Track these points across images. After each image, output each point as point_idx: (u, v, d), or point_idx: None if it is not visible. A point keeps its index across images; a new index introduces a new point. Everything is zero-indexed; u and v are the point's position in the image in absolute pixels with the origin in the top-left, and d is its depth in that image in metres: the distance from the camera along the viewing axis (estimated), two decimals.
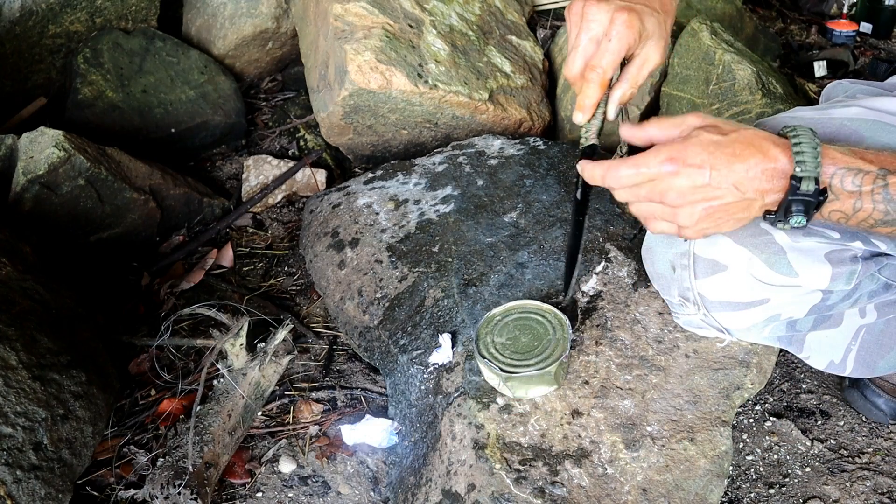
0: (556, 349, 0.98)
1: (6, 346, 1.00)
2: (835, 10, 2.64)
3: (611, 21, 0.82)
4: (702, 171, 0.74)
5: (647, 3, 0.85)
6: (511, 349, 0.99)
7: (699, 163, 0.74)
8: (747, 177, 0.74)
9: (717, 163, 0.74)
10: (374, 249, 1.30)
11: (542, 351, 0.98)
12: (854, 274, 0.85)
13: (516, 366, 0.96)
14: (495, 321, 1.03)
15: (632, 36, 0.82)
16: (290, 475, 1.13)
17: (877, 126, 0.89)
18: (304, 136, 1.88)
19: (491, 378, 1.00)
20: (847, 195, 0.75)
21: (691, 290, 0.93)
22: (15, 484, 0.91)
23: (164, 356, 1.30)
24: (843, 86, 1.09)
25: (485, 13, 1.78)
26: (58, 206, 1.40)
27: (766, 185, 0.75)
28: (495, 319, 1.03)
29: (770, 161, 0.74)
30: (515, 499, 0.89)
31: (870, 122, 0.90)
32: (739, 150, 0.74)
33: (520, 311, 1.04)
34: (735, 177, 0.74)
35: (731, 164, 0.74)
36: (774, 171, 0.74)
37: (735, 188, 0.75)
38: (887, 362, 1.02)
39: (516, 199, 1.34)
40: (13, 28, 1.73)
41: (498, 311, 1.04)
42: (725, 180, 0.74)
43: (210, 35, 1.97)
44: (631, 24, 0.82)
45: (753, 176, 0.74)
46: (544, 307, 1.04)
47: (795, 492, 1.12)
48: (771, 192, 0.75)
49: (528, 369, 0.96)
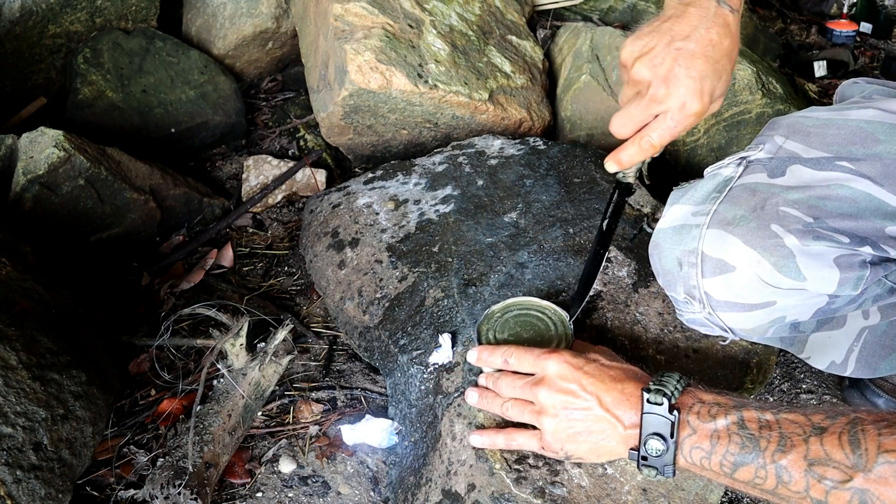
0: (560, 345, 0.98)
1: (6, 346, 1.00)
2: (835, 10, 2.64)
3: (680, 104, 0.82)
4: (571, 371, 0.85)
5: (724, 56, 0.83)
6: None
7: (573, 364, 0.85)
8: (609, 397, 0.82)
9: (589, 370, 0.85)
10: (374, 249, 1.30)
11: (548, 344, 0.99)
12: (862, 279, 0.84)
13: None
14: (495, 318, 1.03)
15: (695, 120, 0.84)
16: (290, 475, 1.13)
17: (894, 130, 0.88)
18: (304, 136, 1.88)
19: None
20: (704, 428, 0.75)
21: (697, 289, 0.92)
22: (15, 484, 0.91)
23: (164, 356, 1.30)
24: (859, 85, 1.07)
25: (485, 13, 1.78)
26: (58, 206, 1.40)
27: (626, 409, 0.81)
28: (495, 317, 1.04)
29: (636, 389, 0.82)
30: (515, 499, 0.89)
31: (887, 125, 0.89)
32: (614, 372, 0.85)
33: (519, 308, 1.04)
34: (597, 390, 0.82)
35: (600, 377, 0.84)
36: (635, 398, 0.81)
37: (596, 401, 0.83)
38: (889, 363, 1.02)
39: (516, 199, 1.34)
40: (13, 28, 1.73)
41: (497, 308, 1.05)
42: (590, 389, 0.83)
43: (210, 35, 1.97)
44: (699, 115, 0.83)
45: (612, 399, 0.82)
46: (543, 304, 1.04)
47: None
48: (631, 420, 0.81)
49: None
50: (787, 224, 0.84)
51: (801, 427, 0.69)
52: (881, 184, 0.85)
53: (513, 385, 0.90)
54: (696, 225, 0.91)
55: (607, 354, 0.91)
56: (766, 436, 0.71)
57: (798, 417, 0.71)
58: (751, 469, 0.71)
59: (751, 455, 0.71)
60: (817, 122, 0.94)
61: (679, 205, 0.95)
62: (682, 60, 0.80)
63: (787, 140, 0.94)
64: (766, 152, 0.94)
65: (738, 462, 0.72)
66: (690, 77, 0.80)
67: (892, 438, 0.64)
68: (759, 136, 0.99)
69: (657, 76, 0.81)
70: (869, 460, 0.64)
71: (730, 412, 0.74)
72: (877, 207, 0.85)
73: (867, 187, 0.85)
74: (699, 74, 0.80)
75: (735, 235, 0.86)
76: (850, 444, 0.65)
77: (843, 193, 0.86)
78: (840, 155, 0.89)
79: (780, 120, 0.98)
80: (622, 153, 0.87)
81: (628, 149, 0.87)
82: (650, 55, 0.82)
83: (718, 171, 0.96)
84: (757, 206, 0.87)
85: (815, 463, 0.67)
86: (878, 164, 0.86)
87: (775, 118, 1.00)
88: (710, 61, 0.81)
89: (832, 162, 0.88)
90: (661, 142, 0.84)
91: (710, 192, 0.93)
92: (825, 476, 0.66)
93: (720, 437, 0.74)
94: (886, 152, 0.87)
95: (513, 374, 0.91)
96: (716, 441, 0.74)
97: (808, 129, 0.93)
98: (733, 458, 0.72)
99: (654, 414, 0.77)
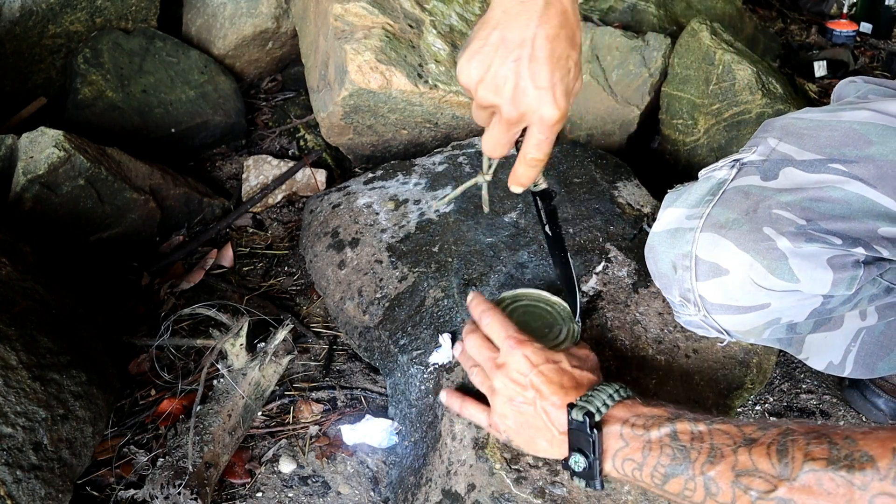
0: (567, 339, 1.00)
1: (6, 346, 1.00)
2: (835, 10, 2.64)
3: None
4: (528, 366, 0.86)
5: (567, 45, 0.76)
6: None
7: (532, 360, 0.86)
8: (549, 400, 0.83)
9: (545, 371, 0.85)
10: (374, 249, 1.30)
11: (556, 335, 1.01)
12: (856, 279, 0.85)
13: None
14: (505, 304, 1.05)
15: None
16: (290, 475, 1.13)
17: (887, 132, 0.88)
18: (304, 136, 1.88)
19: None
20: (635, 439, 0.75)
21: (692, 292, 0.93)
22: (15, 484, 0.91)
23: (164, 356, 1.30)
24: (856, 84, 1.07)
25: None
26: (58, 206, 1.40)
27: (559, 417, 0.82)
28: (505, 302, 1.06)
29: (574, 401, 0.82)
30: (515, 499, 0.89)
31: (880, 127, 0.89)
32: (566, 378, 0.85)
33: (529, 300, 1.06)
34: (542, 388, 0.84)
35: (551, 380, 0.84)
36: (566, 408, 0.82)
37: (538, 397, 0.84)
38: (887, 364, 1.02)
39: (516, 199, 1.34)
40: (13, 28, 1.73)
41: (508, 296, 1.07)
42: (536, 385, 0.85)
43: (210, 35, 1.97)
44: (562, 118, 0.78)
45: (551, 401, 0.83)
46: (553, 299, 1.06)
47: None
48: (562, 428, 0.82)
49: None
50: (780, 226, 0.84)
51: (732, 438, 0.69)
52: (874, 185, 0.85)
53: (479, 352, 0.92)
54: (689, 228, 0.91)
55: (581, 357, 0.92)
56: (696, 447, 0.70)
57: (730, 429, 0.70)
58: (680, 481, 0.71)
59: (680, 466, 0.71)
60: (810, 124, 0.94)
61: (673, 208, 0.96)
62: (524, 72, 0.73)
63: (780, 142, 0.94)
64: (759, 154, 0.94)
65: (668, 473, 0.72)
66: (538, 87, 0.73)
67: (819, 447, 0.63)
68: (753, 138, 0.99)
69: (504, 98, 0.75)
70: (794, 469, 0.63)
71: (664, 424, 0.74)
72: (869, 209, 0.85)
73: (860, 189, 0.85)
74: (547, 82, 0.73)
75: (728, 239, 0.86)
76: (777, 453, 0.65)
77: (836, 195, 0.86)
78: (833, 157, 0.89)
79: (774, 122, 0.99)
80: (518, 175, 0.85)
81: (519, 170, 0.84)
82: (489, 77, 0.74)
83: (712, 173, 0.96)
84: (750, 209, 0.87)
85: (742, 474, 0.66)
86: (871, 166, 0.86)
87: (769, 120, 1.01)
88: (553, 59, 0.74)
89: (825, 164, 0.89)
90: (545, 153, 0.80)
91: (703, 196, 0.93)
92: (751, 487, 0.65)
93: (651, 449, 0.73)
94: (879, 154, 0.87)
95: (484, 339, 0.93)
96: (647, 452, 0.74)
97: (802, 131, 0.94)
98: (664, 469, 0.72)
99: (578, 430, 0.79)
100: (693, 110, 1.69)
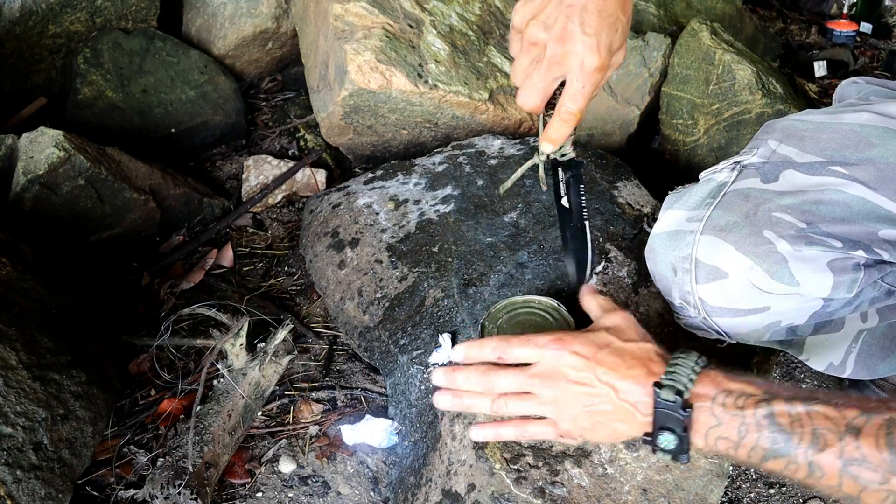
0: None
1: (6, 346, 1.00)
2: (835, 10, 2.64)
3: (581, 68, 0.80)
4: (584, 361, 0.79)
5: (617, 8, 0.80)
6: None
7: (584, 353, 0.79)
8: (625, 385, 0.78)
9: (602, 359, 0.79)
10: (374, 249, 1.30)
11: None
12: (856, 282, 0.84)
13: None
14: (499, 316, 1.04)
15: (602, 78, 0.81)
16: (290, 475, 1.13)
17: (888, 134, 0.88)
18: (304, 136, 1.88)
19: None
20: (730, 419, 0.73)
21: (692, 294, 0.93)
22: (15, 484, 0.91)
23: (164, 356, 1.30)
24: (858, 85, 1.07)
25: (485, 13, 1.78)
26: (58, 206, 1.40)
27: (643, 397, 0.77)
28: (499, 315, 1.04)
29: (651, 376, 0.77)
30: (515, 499, 0.89)
31: (881, 129, 0.89)
32: (628, 358, 0.79)
33: (523, 306, 1.05)
34: (612, 379, 0.78)
35: (614, 365, 0.79)
36: (650, 387, 0.77)
37: (612, 391, 0.78)
38: (887, 365, 1.02)
39: (516, 199, 1.34)
40: (13, 28, 1.73)
41: (500, 307, 1.05)
42: (604, 379, 0.78)
43: (210, 35, 1.97)
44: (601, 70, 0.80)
45: (628, 388, 0.78)
46: (546, 301, 1.05)
47: (795, 492, 1.12)
48: (647, 408, 0.77)
49: None
50: (780, 230, 0.84)
51: (835, 423, 0.68)
52: (874, 188, 0.85)
53: (508, 378, 0.84)
54: (689, 231, 0.91)
55: (623, 328, 0.85)
56: (798, 432, 0.70)
57: (830, 412, 0.69)
58: (781, 462, 0.71)
59: (782, 449, 0.70)
60: (811, 126, 0.94)
61: (673, 210, 0.96)
62: (575, 17, 0.78)
63: (780, 144, 0.94)
64: (759, 157, 0.94)
65: (768, 455, 0.71)
66: (585, 33, 0.78)
67: None
68: (754, 139, 0.99)
69: (552, 36, 0.79)
70: None
71: (759, 405, 0.72)
72: (870, 212, 0.85)
73: (860, 192, 0.85)
74: (594, 30, 0.78)
75: (728, 242, 0.86)
76: (887, 446, 0.65)
77: (837, 198, 0.86)
78: (833, 159, 0.89)
79: (775, 123, 0.99)
80: (550, 132, 0.85)
81: (554, 125, 0.85)
82: (542, 16, 0.79)
83: (712, 175, 0.96)
84: (750, 212, 0.87)
85: (850, 463, 0.66)
86: (872, 169, 0.86)
87: (770, 121, 1.00)
88: (604, 15, 0.78)
89: (825, 167, 0.88)
90: (579, 107, 0.82)
91: (703, 198, 0.93)
92: (860, 476, 0.66)
93: (749, 430, 0.72)
94: (880, 157, 0.87)
95: (505, 368, 0.85)
96: (744, 433, 0.72)
97: (802, 134, 0.93)
98: (763, 451, 0.72)
99: (667, 410, 0.75)
100: (693, 110, 1.69)
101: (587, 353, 0.81)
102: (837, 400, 0.70)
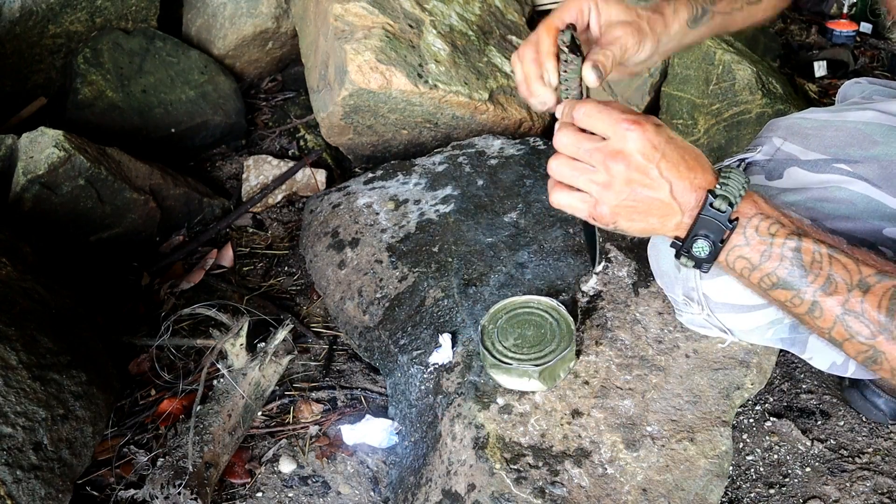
0: (562, 345, 1.00)
1: (6, 346, 1.00)
2: (835, 10, 2.64)
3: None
4: (652, 151, 0.74)
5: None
6: (526, 345, 1.01)
7: (655, 142, 0.74)
8: (681, 185, 0.75)
9: (668, 153, 0.74)
10: (374, 249, 1.30)
11: (552, 337, 1.01)
12: None
13: (544, 356, 0.99)
14: (499, 316, 1.05)
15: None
16: (290, 475, 1.13)
17: (892, 132, 0.88)
18: (304, 136, 1.88)
19: (519, 380, 1.00)
20: (758, 242, 0.74)
21: (696, 290, 0.93)
22: (15, 484, 0.91)
23: (164, 356, 1.30)
24: (861, 85, 1.08)
25: (485, 13, 1.78)
26: (58, 206, 1.40)
27: (691, 200, 0.75)
28: (500, 314, 1.05)
29: (705, 182, 0.75)
30: (515, 499, 0.89)
31: (885, 127, 0.89)
32: (689, 159, 0.76)
33: (523, 307, 1.06)
34: (672, 176, 0.75)
35: (677, 162, 0.75)
36: (701, 191, 0.75)
37: (669, 186, 0.75)
38: None
39: (516, 199, 1.34)
40: (13, 28, 1.73)
41: (500, 306, 1.06)
42: (666, 174, 0.75)
43: (210, 35, 1.97)
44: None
45: (683, 188, 0.75)
46: (546, 301, 1.06)
47: (795, 492, 1.12)
48: (690, 211, 0.76)
49: (554, 355, 0.98)
50: None
51: (850, 274, 0.72)
52: (879, 185, 0.85)
53: (577, 144, 0.78)
54: None
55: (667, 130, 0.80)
56: (814, 272, 0.73)
57: (849, 263, 0.72)
58: (788, 294, 0.74)
59: (794, 283, 0.73)
60: (815, 124, 0.94)
61: None
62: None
63: (785, 142, 0.94)
64: (764, 154, 0.94)
65: (779, 284, 0.74)
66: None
67: None
68: (758, 137, 0.99)
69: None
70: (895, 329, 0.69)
71: (790, 237, 0.74)
72: (874, 209, 0.85)
73: (865, 189, 0.85)
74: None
75: None
76: (887, 310, 0.69)
77: (841, 195, 0.86)
78: (838, 157, 0.89)
79: (779, 121, 0.99)
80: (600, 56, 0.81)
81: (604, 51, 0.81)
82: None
83: None
84: None
85: (848, 314, 0.71)
86: (876, 166, 0.86)
87: (774, 119, 1.01)
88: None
89: (830, 164, 0.88)
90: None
91: None
92: (852, 327, 0.71)
93: (771, 258, 0.74)
94: (884, 154, 0.87)
95: (579, 132, 0.78)
96: (766, 259, 0.74)
97: (806, 131, 0.94)
98: (776, 279, 0.74)
99: (713, 219, 0.74)
100: (693, 110, 1.69)
101: (657, 143, 0.75)
102: (859, 255, 0.73)
